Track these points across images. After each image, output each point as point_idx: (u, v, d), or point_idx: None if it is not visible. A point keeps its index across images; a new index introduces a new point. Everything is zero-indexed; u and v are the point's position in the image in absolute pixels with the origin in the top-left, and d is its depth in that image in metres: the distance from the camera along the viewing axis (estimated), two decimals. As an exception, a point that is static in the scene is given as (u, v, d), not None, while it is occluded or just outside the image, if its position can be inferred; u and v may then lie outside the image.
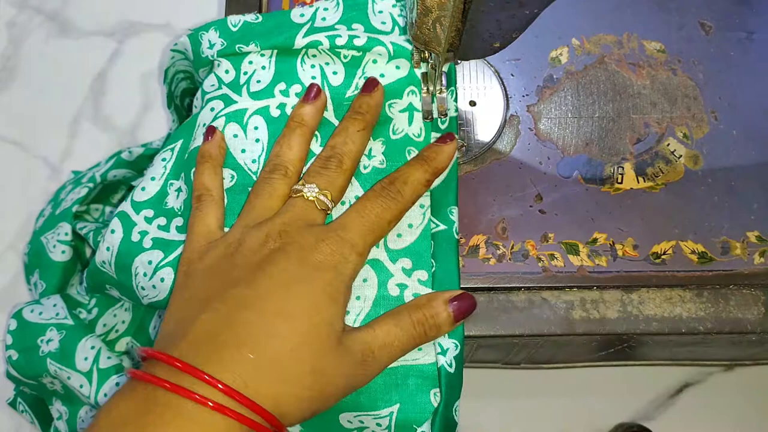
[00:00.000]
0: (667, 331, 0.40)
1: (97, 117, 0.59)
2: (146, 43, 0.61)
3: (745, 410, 0.53)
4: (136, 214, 0.42)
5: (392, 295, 0.38)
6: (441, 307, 0.37)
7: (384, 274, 0.38)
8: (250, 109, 0.41)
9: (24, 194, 0.57)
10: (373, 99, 0.40)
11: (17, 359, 0.46)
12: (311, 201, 0.37)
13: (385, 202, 0.37)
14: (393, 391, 0.37)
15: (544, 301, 0.40)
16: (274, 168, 0.39)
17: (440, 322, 0.36)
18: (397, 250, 0.39)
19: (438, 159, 0.39)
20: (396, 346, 0.36)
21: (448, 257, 0.39)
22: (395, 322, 0.36)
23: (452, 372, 0.37)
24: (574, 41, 0.46)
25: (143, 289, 0.40)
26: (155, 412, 0.30)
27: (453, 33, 0.35)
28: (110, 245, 0.41)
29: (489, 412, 0.53)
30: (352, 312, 0.38)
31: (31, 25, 0.62)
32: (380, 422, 0.37)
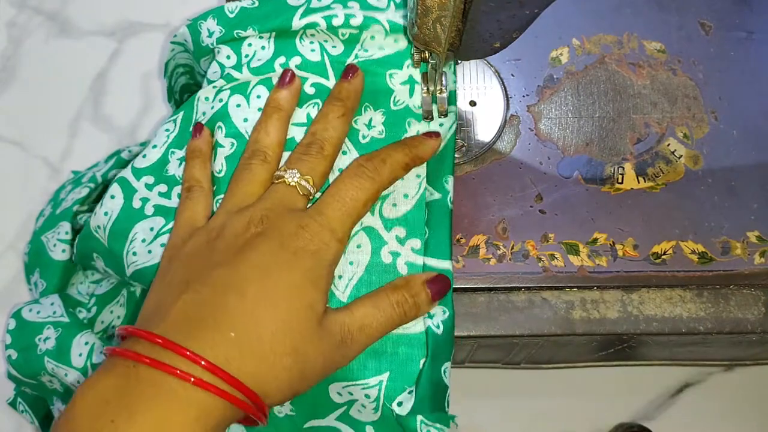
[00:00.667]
0: (667, 331, 0.40)
1: (97, 117, 0.59)
2: (146, 43, 0.61)
3: (745, 410, 0.53)
4: (137, 180, 0.42)
5: (385, 263, 0.38)
6: (419, 287, 0.37)
7: (378, 242, 0.39)
8: (252, 81, 0.41)
9: (24, 194, 0.57)
10: (352, 85, 0.40)
11: (16, 358, 0.46)
12: (293, 186, 0.37)
13: (360, 182, 0.37)
14: (382, 360, 0.37)
15: (545, 301, 0.40)
16: (253, 154, 0.39)
17: (419, 302, 0.37)
18: (392, 219, 0.39)
19: (420, 147, 0.39)
20: (374, 327, 0.36)
21: (441, 226, 0.39)
22: (373, 304, 0.36)
23: (440, 333, 0.38)
24: (575, 41, 0.46)
25: (134, 255, 0.40)
26: (137, 388, 0.30)
27: (453, 33, 0.35)
28: (109, 210, 0.41)
29: (489, 412, 0.53)
30: (345, 277, 0.38)
31: (31, 25, 0.62)
32: (369, 393, 0.37)
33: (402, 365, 0.38)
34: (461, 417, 0.52)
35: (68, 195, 0.53)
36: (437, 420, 0.36)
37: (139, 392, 0.30)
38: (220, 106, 0.41)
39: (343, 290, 0.38)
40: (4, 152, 0.59)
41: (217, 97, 0.41)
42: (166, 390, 0.30)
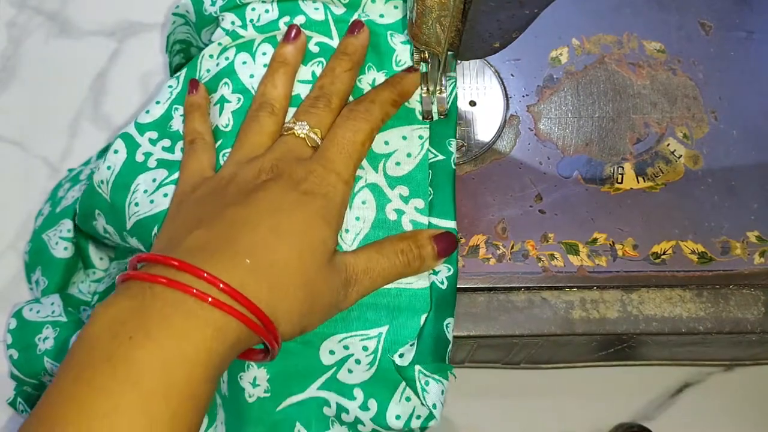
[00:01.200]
0: (667, 331, 0.40)
1: (97, 117, 0.59)
2: (146, 43, 0.61)
3: (745, 410, 0.53)
4: (140, 135, 0.42)
5: (390, 219, 0.39)
6: (425, 240, 0.38)
7: (382, 199, 0.39)
8: (258, 39, 0.42)
9: (24, 194, 0.57)
10: (358, 40, 0.41)
11: (18, 358, 0.46)
12: (302, 138, 0.38)
13: (354, 124, 0.38)
14: (383, 312, 0.38)
15: (544, 301, 0.40)
16: (261, 106, 0.39)
17: (424, 255, 0.37)
18: (396, 177, 0.40)
19: (404, 82, 0.40)
20: (377, 272, 0.36)
21: (445, 187, 0.40)
22: (378, 249, 0.37)
23: (444, 289, 0.38)
24: (574, 41, 0.46)
25: (136, 206, 0.40)
26: (153, 307, 0.30)
27: (453, 33, 0.35)
28: (112, 164, 0.42)
29: (489, 412, 0.53)
30: (352, 231, 0.39)
31: (31, 25, 0.62)
32: (367, 344, 0.37)
33: (403, 319, 0.38)
34: (461, 417, 0.52)
35: (67, 193, 0.53)
36: (436, 371, 0.36)
37: (155, 311, 0.30)
38: (226, 64, 0.42)
39: (351, 244, 0.38)
40: (4, 152, 0.59)
41: (223, 55, 0.42)
42: (182, 309, 0.30)
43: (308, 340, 0.37)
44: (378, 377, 0.37)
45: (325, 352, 0.37)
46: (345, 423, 0.37)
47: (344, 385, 0.37)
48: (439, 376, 0.36)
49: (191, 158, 0.40)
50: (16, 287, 0.55)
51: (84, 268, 0.51)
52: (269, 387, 0.37)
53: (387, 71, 0.42)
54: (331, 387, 0.37)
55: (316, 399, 0.37)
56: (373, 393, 0.37)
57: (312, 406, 0.37)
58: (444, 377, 0.36)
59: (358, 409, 0.37)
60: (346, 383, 0.37)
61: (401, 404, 0.37)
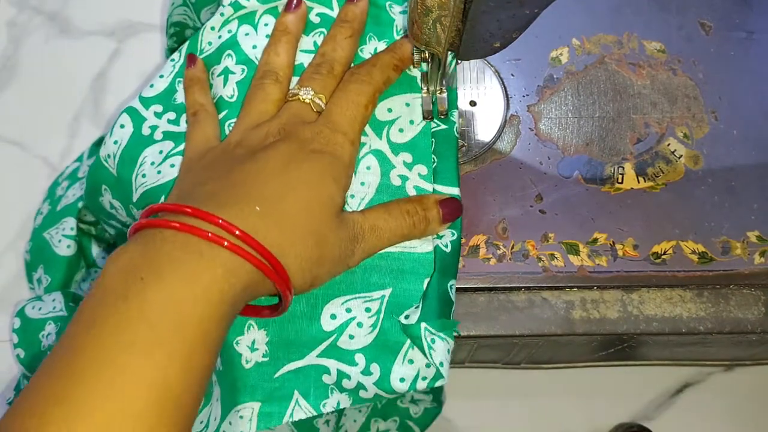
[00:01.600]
0: (667, 331, 0.40)
1: (97, 117, 0.59)
2: (146, 43, 0.61)
3: (745, 410, 0.53)
4: (146, 109, 0.43)
5: (394, 185, 0.40)
6: (431, 204, 0.38)
7: (386, 165, 0.40)
8: (259, 10, 0.42)
9: (24, 194, 0.57)
10: (358, 7, 0.42)
11: (24, 357, 0.46)
12: (307, 103, 0.39)
13: (357, 86, 0.39)
14: (387, 275, 0.38)
15: (545, 301, 0.40)
16: (265, 74, 0.40)
17: (430, 218, 0.38)
18: (399, 143, 0.40)
19: (404, 48, 0.41)
20: (384, 230, 0.37)
21: (448, 155, 0.40)
22: (385, 209, 0.38)
23: (448, 251, 0.38)
24: (575, 41, 0.46)
25: (144, 177, 0.40)
26: (163, 250, 0.30)
27: (453, 33, 0.35)
28: (118, 139, 0.42)
29: (489, 412, 0.53)
30: (357, 196, 0.39)
31: (31, 25, 0.62)
32: (370, 306, 0.37)
33: (406, 282, 0.38)
34: (461, 417, 0.52)
35: (67, 191, 0.53)
36: (441, 328, 0.36)
37: (165, 254, 0.30)
38: (229, 36, 0.42)
39: (356, 208, 0.39)
40: (4, 152, 0.59)
41: (225, 27, 0.42)
42: (194, 251, 0.30)
43: (312, 302, 0.37)
44: (379, 341, 0.37)
45: (326, 317, 0.37)
46: (346, 390, 0.37)
47: (345, 352, 0.37)
48: (445, 334, 0.36)
49: (195, 129, 0.40)
50: (16, 287, 0.55)
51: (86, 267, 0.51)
52: (268, 351, 0.37)
53: (388, 40, 0.42)
54: (331, 354, 0.37)
55: (316, 367, 0.37)
56: (375, 357, 0.37)
57: (311, 374, 0.37)
58: (449, 336, 0.36)
59: (360, 374, 0.36)
60: (347, 349, 0.37)
61: (404, 366, 0.36)
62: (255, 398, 0.37)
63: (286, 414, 0.36)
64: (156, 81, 0.44)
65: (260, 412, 0.36)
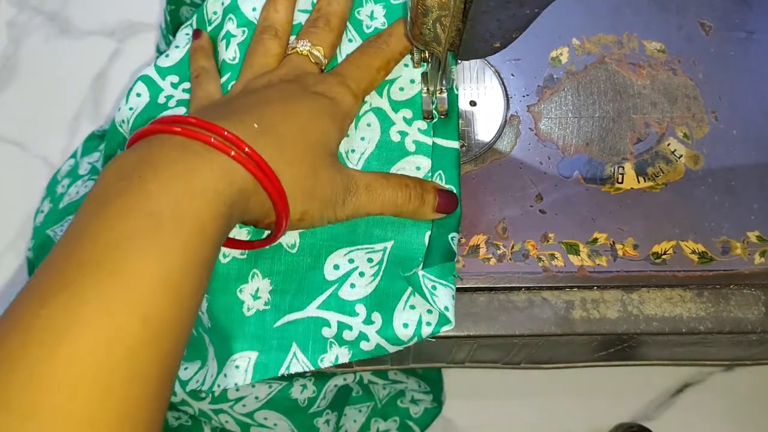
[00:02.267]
0: (667, 331, 0.40)
1: (97, 117, 0.59)
2: (146, 43, 0.61)
3: (745, 410, 0.53)
4: (162, 79, 0.44)
5: (394, 141, 0.41)
6: (431, 187, 0.39)
7: (386, 122, 0.41)
8: None
9: (24, 194, 0.57)
10: None
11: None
12: (305, 55, 0.40)
13: (373, 51, 0.41)
14: (389, 228, 0.39)
15: (545, 301, 0.40)
16: (264, 30, 0.41)
17: (426, 198, 0.38)
18: (399, 101, 0.42)
19: None
20: (378, 195, 0.38)
21: (449, 111, 0.41)
22: (384, 176, 0.38)
23: None
24: (575, 41, 0.46)
25: None
26: (161, 152, 0.30)
27: (453, 33, 0.35)
28: (134, 106, 0.43)
29: (489, 412, 0.53)
30: (357, 151, 0.40)
31: (31, 25, 0.62)
32: (372, 257, 0.38)
33: (408, 236, 0.39)
34: (461, 417, 0.52)
35: (69, 189, 0.53)
36: (440, 275, 0.37)
37: (163, 155, 0.30)
38: (230, 2, 0.43)
39: (356, 163, 0.40)
40: (4, 152, 0.59)
41: None
42: (190, 151, 0.31)
43: (315, 253, 0.38)
44: (380, 290, 0.37)
45: (329, 267, 0.38)
46: (346, 342, 0.37)
47: (346, 302, 0.37)
48: (445, 280, 0.37)
49: (198, 89, 0.41)
50: (16, 287, 0.55)
51: None
52: (270, 299, 0.37)
53: (384, 4, 0.43)
54: (331, 305, 0.37)
55: (315, 319, 0.37)
56: (376, 306, 0.37)
57: (310, 326, 0.37)
58: (450, 281, 0.37)
59: (362, 324, 0.36)
60: (348, 300, 0.37)
61: (406, 312, 0.37)
62: (253, 347, 0.37)
63: (283, 366, 0.36)
64: (171, 51, 0.45)
65: (257, 362, 0.37)
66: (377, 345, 0.36)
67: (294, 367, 0.36)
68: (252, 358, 0.37)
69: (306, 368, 0.36)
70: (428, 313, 0.37)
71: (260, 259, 0.38)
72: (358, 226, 0.39)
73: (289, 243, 0.38)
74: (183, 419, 0.50)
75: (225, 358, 0.37)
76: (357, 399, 0.52)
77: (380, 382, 0.52)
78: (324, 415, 0.49)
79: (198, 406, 0.47)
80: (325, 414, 0.49)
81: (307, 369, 0.36)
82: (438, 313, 0.36)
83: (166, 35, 0.56)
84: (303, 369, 0.36)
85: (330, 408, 0.50)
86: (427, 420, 0.52)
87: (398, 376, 0.53)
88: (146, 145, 0.31)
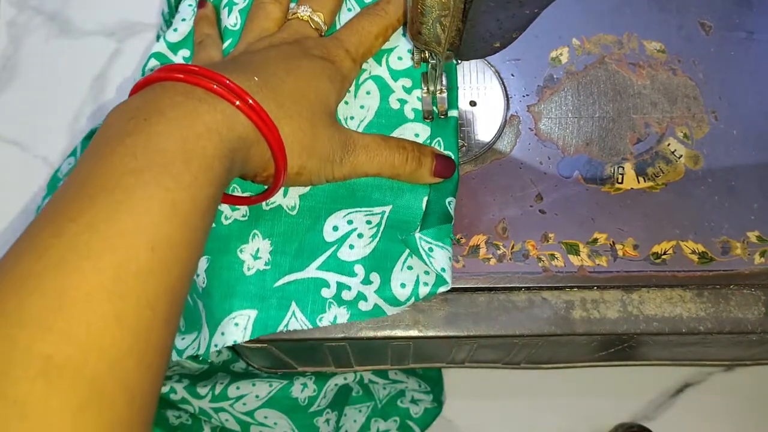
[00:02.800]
0: (667, 331, 0.40)
1: (97, 117, 0.59)
2: (146, 43, 0.61)
3: (745, 410, 0.53)
4: (174, 54, 0.45)
5: (393, 108, 0.42)
6: (428, 151, 0.39)
7: (386, 90, 0.42)
8: None
9: (24, 194, 0.57)
10: None
11: None
12: (305, 21, 0.41)
13: (371, 18, 0.41)
14: (387, 193, 0.40)
15: (545, 301, 0.40)
16: None
17: (424, 161, 0.39)
18: (398, 70, 0.43)
19: None
20: (375, 155, 0.38)
21: (449, 81, 0.42)
22: (383, 137, 0.39)
23: None
24: (575, 41, 0.46)
25: None
26: (165, 95, 0.31)
27: (453, 33, 0.35)
28: None
29: (489, 412, 0.53)
30: (357, 118, 0.41)
31: (31, 25, 0.62)
32: (370, 219, 0.39)
33: (406, 200, 0.40)
34: (461, 417, 0.52)
35: None
36: (436, 237, 0.37)
37: (169, 97, 0.31)
38: None
39: (355, 129, 0.40)
40: (4, 152, 0.59)
41: None
42: (195, 97, 0.31)
43: (315, 215, 0.39)
44: (378, 251, 0.38)
45: (328, 229, 0.38)
46: (345, 302, 0.37)
47: (344, 263, 0.38)
48: (442, 242, 0.37)
49: (200, 54, 0.42)
50: (16, 287, 0.55)
51: None
52: (270, 259, 0.38)
53: None
54: (330, 266, 0.38)
55: (315, 280, 0.38)
56: (375, 267, 0.38)
57: (310, 287, 0.38)
58: (447, 243, 0.37)
59: (360, 284, 0.37)
60: (347, 261, 0.38)
61: (404, 272, 0.38)
62: (253, 306, 0.37)
63: (281, 323, 0.37)
64: (179, 24, 0.45)
65: (256, 319, 0.37)
66: (375, 306, 0.37)
67: (292, 325, 0.37)
68: (251, 316, 0.37)
69: (304, 326, 0.37)
70: (425, 274, 0.37)
71: (261, 221, 0.39)
72: (357, 190, 0.39)
73: (289, 205, 0.39)
74: (183, 418, 0.50)
75: (222, 317, 0.37)
76: (357, 399, 0.52)
77: (380, 382, 0.53)
78: (324, 415, 0.49)
79: (198, 404, 0.47)
80: (325, 413, 0.49)
81: (306, 327, 0.37)
82: (435, 275, 0.37)
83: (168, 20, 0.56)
84: (301, 327, 0.37)
85: (330, 407, 0.50)
86: (427, 420, 0.52)
87: (398, 375, 0.53)
88: (150, 92, 0.32)
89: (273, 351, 0.41)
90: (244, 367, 0.51)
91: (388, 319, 0.39)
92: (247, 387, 0.48)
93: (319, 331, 0.38)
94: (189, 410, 0.48)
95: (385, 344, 0.42)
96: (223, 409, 0.47)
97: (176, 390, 0.47)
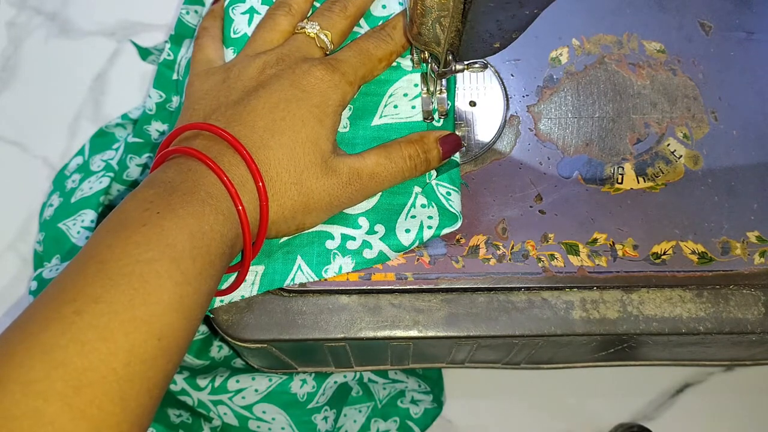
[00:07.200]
0: (667, 331, 0.40)
1: (97, 117, 0.59)
2: (146, 43, 0.61)
3: (745, 410, 0.53)
4: None
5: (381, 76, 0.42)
6: (432, 144, 0.39)
7: None
8: None
9: (24, 194, 0.57)
10: None
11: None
12: (312, 38, 0.40)
13: (376, 41, 0.40)
14: None
15: (544, 302, 0.40)
16: (279, 5, 0.42)
17: (431, 158, 0.39)
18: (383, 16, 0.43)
19: None
20: (384, 176, 0.38)
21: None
22: (386, 154, 0.39)
23: None
24: (574, 41, 0.46)
25: None
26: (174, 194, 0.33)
27: (453, 33, 0.35)
28: None
29: (489, 412, 0.53)
30: None
31: (31, 25, 0.62)
32: None
33: None
34: (461, 417, 0.52)
35: (81, 184, 0.53)
36: (451, 182, 0.40)
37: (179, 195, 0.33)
38: None
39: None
40: (4, 152, 0.59)
41: None
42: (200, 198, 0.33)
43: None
44: (381, 205, 0.39)
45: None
46: (349, 251, 0.39)
47: (349, 216, 0.39)
48: (456, 186, 0.40)
49: (197, 51, 0.43)
50: (16, 287, 0.55)
51: None
52: None
53: None
54: (335, 220, 0.39)
55: (319, 233, 0.39)
56: (379, 219, 0.39)
57: (315, 239, 0.39)
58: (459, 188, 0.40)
59: (365, 234, 0.39)
60: (351, 214, 0.39)
61: (408, 221, 0.39)
62: (260, 262, 0.39)
63: (288, 277, 0.38)
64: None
65: (263, 274, 0.38)
66: (380, 252, 0.39)
67: (299, 278, 0.38)
68: (259, 272, 0.39)
69: (310, 278, 0.38)
70: (429, 219, 0.39)
71: None
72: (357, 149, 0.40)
73: None
74: (184, 416, 0.50)
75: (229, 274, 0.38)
76: (357, 399, 0.52)
77: (380, 381, 0.53)
78: (322, 412, 0.49)
79: (198, 396, 0.47)
80: (323, 410, 0.49)
81: (312, 280, 0.38)
82: (438, 218, 0.39)
83: None
84: (307, 279, 0.38)
85: (329, 405, 0.50)
86: (427, 420, 0.52)
87: (398, 375, 0.53)
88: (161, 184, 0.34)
89: (273, 351, 0.41)
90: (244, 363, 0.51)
91: (388, 319, 0.39)
92: (246, 381, 0.48)
93: (319, 331, 0.38)
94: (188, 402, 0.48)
95: (385, 344, 0.42)
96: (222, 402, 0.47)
97: (176, 381, 0.48)
